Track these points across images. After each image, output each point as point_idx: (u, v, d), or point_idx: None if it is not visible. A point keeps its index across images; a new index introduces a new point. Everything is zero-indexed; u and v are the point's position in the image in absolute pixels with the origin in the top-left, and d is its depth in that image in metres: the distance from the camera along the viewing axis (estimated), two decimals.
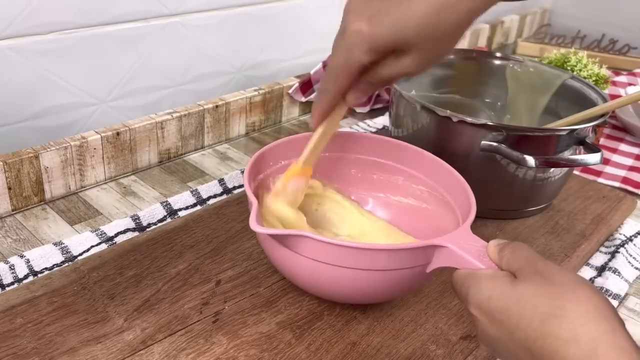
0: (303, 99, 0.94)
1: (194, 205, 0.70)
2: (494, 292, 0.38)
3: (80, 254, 0.60)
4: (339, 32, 0.46)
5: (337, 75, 0.47)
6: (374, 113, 1.00)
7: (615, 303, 0.61)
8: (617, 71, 1.24)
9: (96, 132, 0.71)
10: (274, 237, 0.48)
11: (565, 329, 0.34)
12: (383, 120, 0.96)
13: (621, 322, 0.35)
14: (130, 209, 0.69)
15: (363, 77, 0.48)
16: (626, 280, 0.63)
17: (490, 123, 0.63)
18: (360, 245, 0.46)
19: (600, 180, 0.84)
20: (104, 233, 0.62)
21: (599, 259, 0.68)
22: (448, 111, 0.64)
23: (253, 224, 0.46)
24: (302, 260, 0.47)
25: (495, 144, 0.63)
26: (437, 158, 0.59)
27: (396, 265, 0.47)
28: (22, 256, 0.58)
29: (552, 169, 0.67)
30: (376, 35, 0.44)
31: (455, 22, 0.44)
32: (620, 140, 0.98)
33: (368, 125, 0.94)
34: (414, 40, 0.44)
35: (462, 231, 0.47)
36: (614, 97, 0.83)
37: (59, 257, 0.59)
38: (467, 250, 0.44)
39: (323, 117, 0.52)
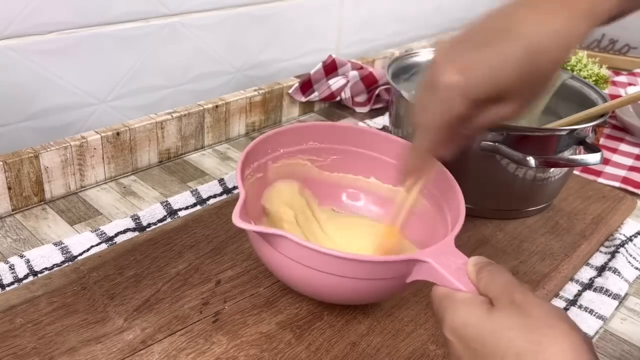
0: (303, 99, 0.94)
1: (194, 205, 0.70)
2: (470, 319, 0.37)
3: (80, 254, 0.60)
4: (426, 87, 0.45)
5: (433, 131, 0.45)
6: (374, 113, 1.00)
7: (615, 303, 0.61)
8: (617, 71, 1.24)
9: (96, 132, 0.71)
10: (258, 233, 0.48)
11: None
12: (383, 120, 0.96)
13: None
14: (130, 209, 0.69)
15: (457, 130, 0.45)
16: (626, 280, 0.63)
17: None
18: (336, 253, 0.45)
19: (600, 180, 0.84)
20: (104, 233, 0.62)
21: (599, 259, 0.68)
22: None
23: (236, 219, 0.45)
24: (282, 258, 0.47)
25: (495, 144, 0.63)
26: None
27: (373, 276, 0.46)
28: (22, 256, 0.58)
29: (552, 169, 0.67)
30: (474, 86, 0.42)
31: (551, 61, 0.42)
32: (620, 140, 0.98)
33: (368, 125, 0.94)
34: (512, 86, 0.42)
35: (444, 245, 0.46)
36: (614, 97, 0.83)
37: (59, 257, 0.59)
38: (447, 267, 0.42)
39: (416, 175, 0.51)
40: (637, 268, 0.66)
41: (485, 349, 0.36)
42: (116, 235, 0.63)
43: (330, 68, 0.97)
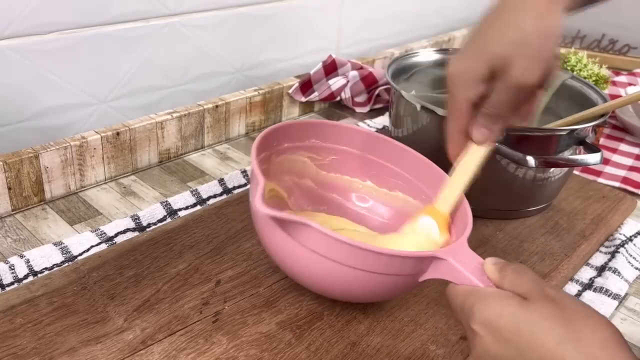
0: (303, 99, 0.94)
1: (194, 205, 0.70)
2: (505, 311, 0.38)
3: (80, 254, 0.60)
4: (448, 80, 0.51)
5: (453, 117, 0.52)
6: (374, 113, 1.00)
7: (615, 303, 0.61)
8: (617, 71, 1.24)
9: (96, 132, 0.71)
10: (276, 222, 0.47)
11: (583, 352, 0.34)
12: (383, 120, 0.96)
13: (635, 357, 0.35)
14: (130, 209, 0.69)
15: (480, 112, 0.50)
16: (626, 280, 0.63)
17: None
18: (361, 245, 0.45)
19: (600, 180, 0.84)
20: (104, 233, 0.62)
21: (599, 259, 0.68)
22: None
23: (259, 204, 0.44)
24: (299, 249, 0.47)
25: (495, 144, 0.62)
26: (437, 167, 0.58)
27: (390, 271, 0.46)
28: (22, 256, 0.58)
29: (552, 169, 0.67)
30: (470, 67, 0.48)
31: (542, 27, 0.47)
32: (620, 140, 0.98)
33: (368, 125, 0.94)
34: (506, 51, 0.47)
35: (459, 245, 0.46)
36: (614, 97, 0.83)
37: (59, 257, 0.59)
38: (465, 266, 0.43)
39: (455, 155, 0.54)
40: (637, 268, 0.66)
41: (522, 339, 0.36)
42: (116, 235, 0.63)
43: (330, 68, 0.97)
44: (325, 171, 0.64)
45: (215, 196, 0.72)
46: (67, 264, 0.58)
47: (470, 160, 0.53)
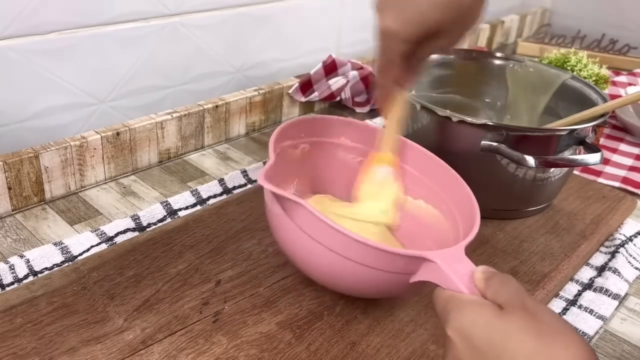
0: (303, 99, 0.94)
1: (194, 205, 0.70)
2: (479, 319, 0.37)
3: (80, 254, 0.60)
4: (376, 32, 0.51)
5: (386, 70, 0.52)
6: (374, 113, 1.00)
7: (615, 303, 0.61)
8: (617, 71, 1.24)
9: (96, 132, 0.71)
10: (276, 198, 0.49)
11: None
12: (383, 120, 0.96)
13: None
14: (130, 209, 0.69)
15: (408, 61, 0.52)
16: (626, 280, 0.63)
17: (490, 123, 0.63)
18: (350, 234, 0.45)
19: (600, 180, 0.84)
20: (104, 233, 0.62)
21: (599, 259, 0.68)
22: (448, 111, 0.64)
23: (261, 178, 0.46)
24: (294, 229, 0.48)
25: (495, 144, 0.63)
26: (452, 170, 0.58)
27: (379, 266, 0.46)
28: (22, 256, 0.58)
29: (552, 169, 0.67)
30: (404, 30, 0.48)
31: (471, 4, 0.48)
32: (620, 140, 0.98)
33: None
34: (441, 25, 0.48)
35: (455, 250, 0.46)
36: (614, 97, 0.83)
37: (59, 257, 0.59)
38: (454, 271, 0.42)
39: (386, 105, 0.56)
40: (637, 268, 0.66)
41: (493, 349, 0.36)
42: (116, 235, 0.63)
43: (330, 68, 0.97)
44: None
45: (215, 196, 0.72)
46: (67, 264, 0.58)
47: (400, 107, 0.57)
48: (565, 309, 0.60)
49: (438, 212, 0.58)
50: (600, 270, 0.66)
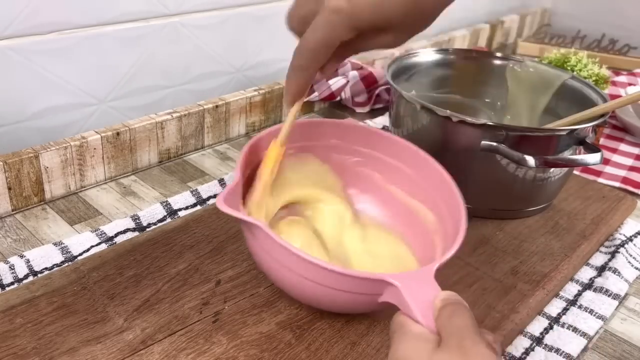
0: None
1: (194, 205, 0.70)
2: (414, 355, 0.36)
3: (80, 254, 0.60)
4: (323, 9, 0.45)
5: (317, 52, 0.46)
6: (374, 113, 1.00)
7: (615, 303, 0.61)
8: (617, 71, 1.24)
9: (96, 132, 0.71)
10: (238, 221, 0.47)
11: None
12: (383, 120, 0.96)
13: None
14: (130, 209, 0.69)
15: (343, 51, 0.47)
16: (626, 280, 0.63)
17: (490, 123, 0.63)
18: (302, 255, 0.43)
19: (600, 180, 0.84)
20: (104, 233, 0.62)
21: (599, 259, 0.68)
22: (448, 111, 0.64)
23: (220, 202, 0.43)
24: (261, 249, 0.48)
25: (495, 144, 0.63)
26: (447, 175, 0.55)
27: (343, 287, 0.45)
28: (22, 256, 0.58)
29: (552, 169, 0.67)
30: (357, 14, 0.43)
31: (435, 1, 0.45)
32: (620, 140, 0.98)
33: (368, 125, 0.94)
34: (395, 20, 0.44)
35: (422, 272, 0.43)
36: (614, 97, 0.83)
37: (59, 257, 0.59)
38: (413, 297, 0.40)
39: (301, 94, 0.51)
40: (637, 268, 0.66)
41: None
42: (116, 235, 0.63)
43: None
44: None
45: (215, 196, 0.72)
46: (67, 264, 0.58)
47: (305, 96, 0.54)
48: (565, 309, 0.60)
49: (432, 214, 0.57)
50: (601, 270, 0.66)
